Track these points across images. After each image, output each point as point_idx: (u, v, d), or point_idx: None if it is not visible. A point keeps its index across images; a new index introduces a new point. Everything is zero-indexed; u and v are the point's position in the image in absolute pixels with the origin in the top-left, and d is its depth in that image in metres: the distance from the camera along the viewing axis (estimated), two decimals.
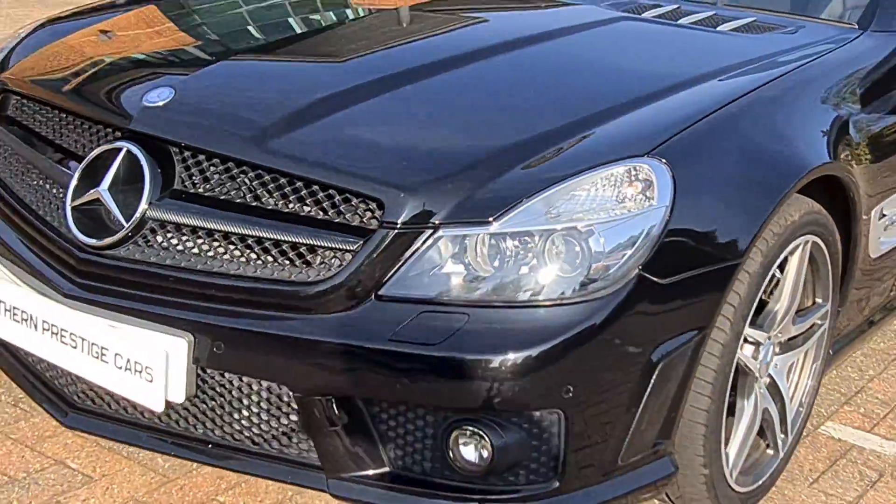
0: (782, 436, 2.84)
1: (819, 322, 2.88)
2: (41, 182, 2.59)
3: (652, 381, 2.27)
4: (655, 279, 2.23)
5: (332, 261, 2.22)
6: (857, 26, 3.29)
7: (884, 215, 3.06)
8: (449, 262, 2.19)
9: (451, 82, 2.60)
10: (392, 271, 2.19)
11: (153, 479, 2.68)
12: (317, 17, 3.27)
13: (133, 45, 2.95)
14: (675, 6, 3.30)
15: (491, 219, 2.18)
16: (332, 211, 2.24)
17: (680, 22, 3.16)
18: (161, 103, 2.45)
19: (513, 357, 2.13)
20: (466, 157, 2.28)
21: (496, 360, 2.13)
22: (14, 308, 2.45)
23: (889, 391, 3.56)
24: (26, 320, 2.43)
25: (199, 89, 2.52)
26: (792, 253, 2.61)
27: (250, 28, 3.15)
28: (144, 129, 2.41)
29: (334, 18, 3.28)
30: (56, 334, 2.38)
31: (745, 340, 2.55)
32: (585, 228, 2.19)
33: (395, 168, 2.25)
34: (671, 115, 2.45)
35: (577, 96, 2.59)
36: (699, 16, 3.22)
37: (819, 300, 2.86)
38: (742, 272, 2.40)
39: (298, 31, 3.12)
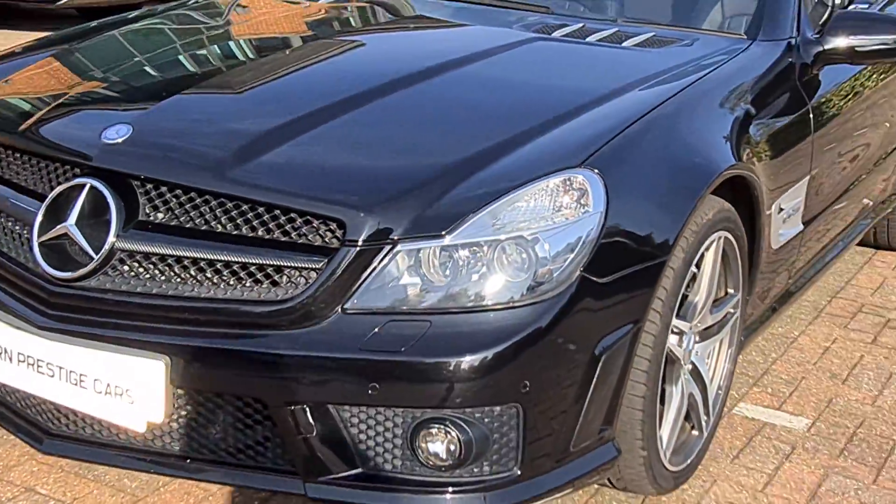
0: (705, 417, 3.08)
1: (732, 311, 3.13)
2: (4, 221, 2.69)
3: (597, 372, 2.48)
4: (595, 279, 2.45)
5: (299, 279, 2.38)
6: (745, 36, 3.57)
7: (782, 209, 3.34)
8: (405, 275, 2.37)
9: (393, 106, 2.78)
10: (356, 286, 2.36)
11: (123, 499, 2.79)
12: (249, 49, 3.41)
13: (81, 83, 3.06)
14: (580, 24, 3.53)
15: (444, 232, 2.37)
16: (295, 233, 2.40)
17: (588, 40, 3.40)
18: (120, 140, 2.58)
19: (472, 358, 2.32)
20: (417, 176, 2.47)
21: (457, 362, 2.32)
22: None
23: (791, 371, 3.84)
24: (1, 353, 2.52)
25: (155, 124, 2.66)
26: (707, 248, 2.86)
27: (190, 62, 3.28)
28: (106, 166, 2.54)
29: (268, 48, 3.43)
30: (32, 365, 2.50)
31: (672, 331, 2.78)
32: (531, 237, 2.40)
33: (354, 190, 2.43)
34: (597, 127, 2.67)
35: (511, 114, 2.79)
36: (604, 33, 3.45)
37: (731, 291, 3.12)
38: (668, 268, 2.63)
39: (238, 61, 3.26)
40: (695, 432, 3.07)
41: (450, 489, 2.42)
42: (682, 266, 2.69)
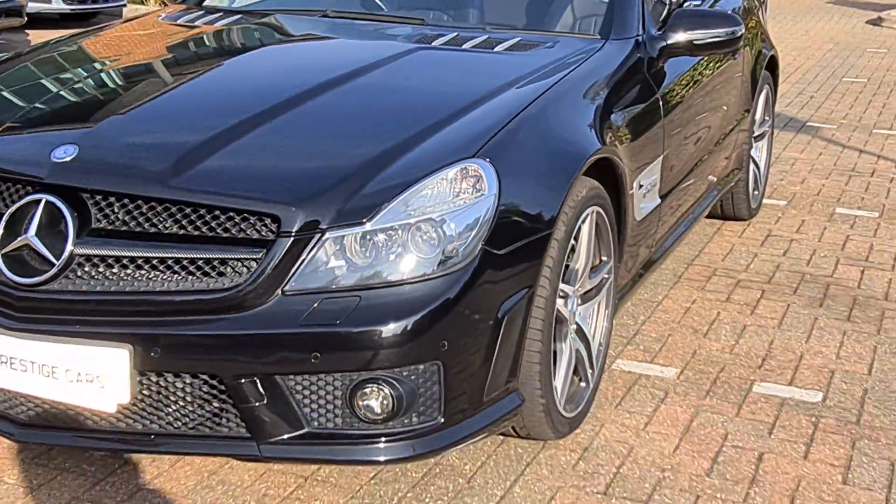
0: (591, 370, 3.55)
1: (607, 276, 3.61)
2: None
3: (501, 331, 2.92)
4: (495, 251, 2.89)
5: (242, 269, 2.75)
6: (599, 37, 4.05)
7: (641, 185, 3.83)
8: (333, 259, 2.76)
9: (305, 114, 3.17)
10: (292, 271, 2.74)
11: (86, 481, 3.11)
12: (165, 70, 3.74)
13: (19, 108, 3.36)
14: (455, 34, 3.97)
15: (364, 220, 2.77)
16: (235, 229, 2.76)
17: (464, 47, 3.84)
18: (68, 158, 2.90)
19: (396, 325, 2.73)
20: (337, 173, 2.86)
21: (384, 329, 2.72)
22: None
23: (659, 330, 4.34)
24: None
25: (98, 142, 2.99)
26: (583, 222, 3.32)
27: (115, 84, 3.61)
28: (59, 181, 2.86)
29: (181, 68, 3.78)
30: (6, 363, 2.80)
31: (559, 295, 3.23)
32: (438, 218, 2.81)
33: (285, 188, 2.81)
34: (484, 123, 3.11)
35: (409, 115, 3.21)
36: (477, 40, 3.90)
37: (605, 258, 3.59)
38: (552, 240, 3.08)
39: (158, 81, 3.60)
40: (583, 384, 3.53)
41: (383, 439, 2.81)
42: (564, 237, 3.14)
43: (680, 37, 4.13)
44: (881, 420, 3.63)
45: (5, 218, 2.86)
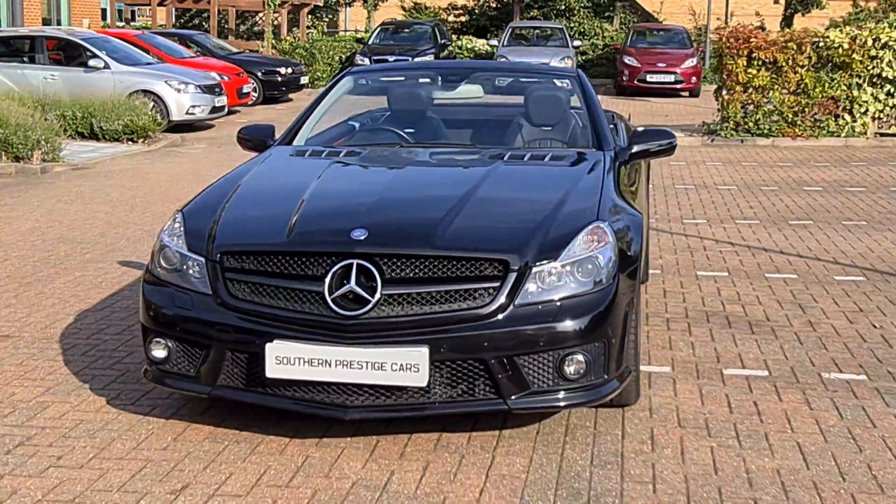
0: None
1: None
2: (302, 297, 4.58)
3: (627, 323, 4.83)
4: (619, 274, 4.80)
5: (485, 295, 4.53)
6: (595, 150, 6.09)
7: None
8: (538, 283, 4.59)
9: (485, 196, 5.07)
10: (518, 292, 4.56)
11: (304, 445, 4.74)
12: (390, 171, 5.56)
13: (305, 202, 5.07)
14: (509, 152, 5.92)
15: (553, 259, 4.63)
16: (479, 270, 4.55)
17: (525, 159, 5.81)
18: (363, 237, 4.61)
19: (584, 319, 4.59)
20: (530, 232, 4.71)
21: (578, 322, 4.57)
22: (312, 360, 4.47)
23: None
24: (322, 363, 4.46)
25: (377, 225, 4.70)
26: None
27: (355, 185, 5.38)
28: (361, 250, 4.57)
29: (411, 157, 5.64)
30: (346, 365, 4.46)
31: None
32: (593, 256, 4.70)
33: (508, 243, 4.63)
34: (589, 199, 5.09)
35: (542, 197, 5.13)
36: (532, 153, 5.88)
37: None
38: (639, 265, 5.03)
39: (392, 176, 5.47)
40: None
41: (579, 391, 4.63)
42: (642, 264, 5.09)
43: (638, 147, 6.19)
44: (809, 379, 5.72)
45: (330, 276, 4.53)
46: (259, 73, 23.85)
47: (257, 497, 4.30)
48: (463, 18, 35.23)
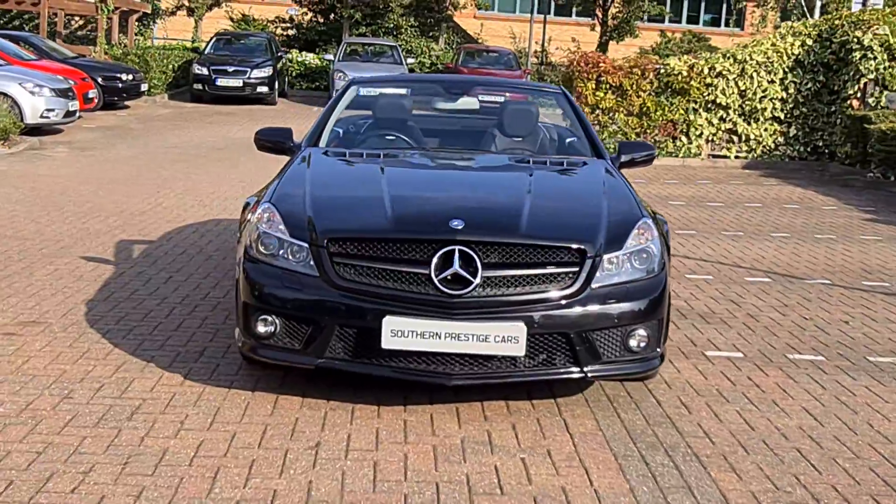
0: None
1: None
2: (408, 278, 5.21)
3: (669, 304, 5.68)
4: (664, 262, 5.65)
5: (566, 278, 5.30)
6: (597, 158, 6.93)
7: None
8: (609, 268, 5.38)
9: (542, 190, 5.82)
10: (595, 276, 5.33)
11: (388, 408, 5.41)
12: (432, 175, 6.18)
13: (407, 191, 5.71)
14: (537, 158, 6.69)
15: (619, 249, 5.43)
16: (560, 256, 5.31)
17: (548, 164, 6.59)
18: (461, 226, 5.29)
19: (646, 300, 5.41)
20: (598, 225, 5.49)
21: (642, 302, 5.39)
22: (423, 332, 5.11)
23: None
24: (432, 335, 5.12)
25: (471, 217, 5.38)
26: None
27: (442, 174, 6.07)
28: (461, 238, 5.24)
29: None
30: (454, 337, 5.13)
31: None
32: (646, 246, 5.53)
33: (585, 234, 5.40)
34: (627, 200, 5.90)
35: (587, 196, 5.92)
36: (554, 159, 6.67)
37: None
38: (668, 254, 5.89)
39: (448, 181, 6.18)
40: None
41: (638, 364, 5.44)
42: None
43: (626, 157, 7.06)
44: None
45: (435, 260, 5.19)
46: (100, 79, 23.70)
47: (388, 452, 4.91)
48: (291, 32, 35.67)
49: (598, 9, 34.63)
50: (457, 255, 5.22)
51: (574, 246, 5.36)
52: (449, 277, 5.19)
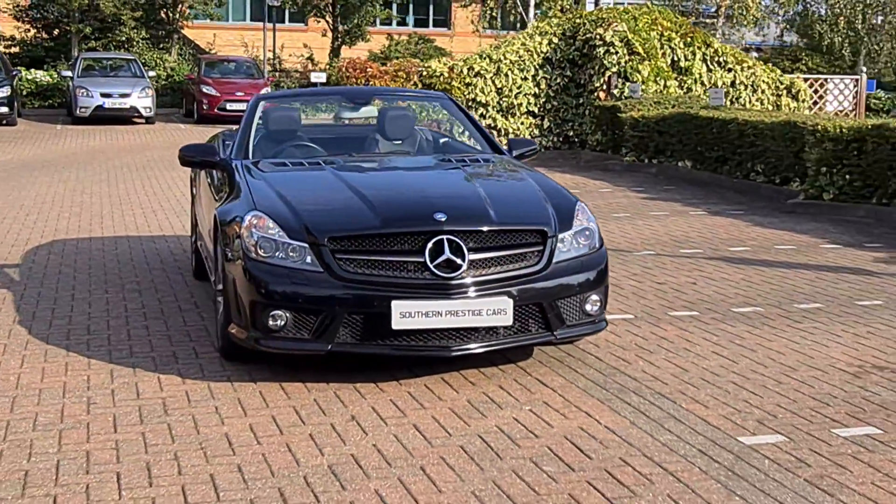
0: None
1: None
2: (406, 267, 5.95)
3: (608, 272, 6.70)
4: (602, 240, 6.67)
5: (532, 256, 6.20)
6: (497, 154, 7.86)
7: None
8: (562, 247, 6.32)
9: (488, 185, 6.66)
10: (554, 254, 6.27)
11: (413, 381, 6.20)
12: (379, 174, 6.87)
13: (382, 189, 6.34)
14: (448, 157, 7.53)
15: (567, 230, 6.39)
16: (527, 238, 6.21)
17: (467, 162, 7.44)
18: (444, 219, 6.08)
19: (597, 270, 6.40)
20: (546, 211, 6.42)
21: (594, 272, 6.38)
22: (427, 312, 5.88)
23: None
24: (435, 314, 5.90)
25: (452, 211, 6.16)
26: None
27: (388, 176, 6.70)
28: (447, 228, 6.05)
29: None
30: (454, 314, 5.93)
31: None
32: (590, 226, 6.53)
33: (544, 218, 6.31)
34: (553, 185, 6.86)
35: (522, 186, 6.81)
36: (467, 157, 7.53)
37: None
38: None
39: (380, 179, 6.77)
40: None
41: (590, 326, 6.42)
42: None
43: (518, 152, 8.02)
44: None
45: (428, 249, 5.98)
46: None
47: (417, 416, 5.66)
48: (14, 49, 34.55)
49: (328, 15, 35.53)
50: (445, 243, 6.01)
51: (537, 228, 6.27)
52: (443, 263, 5.97)
